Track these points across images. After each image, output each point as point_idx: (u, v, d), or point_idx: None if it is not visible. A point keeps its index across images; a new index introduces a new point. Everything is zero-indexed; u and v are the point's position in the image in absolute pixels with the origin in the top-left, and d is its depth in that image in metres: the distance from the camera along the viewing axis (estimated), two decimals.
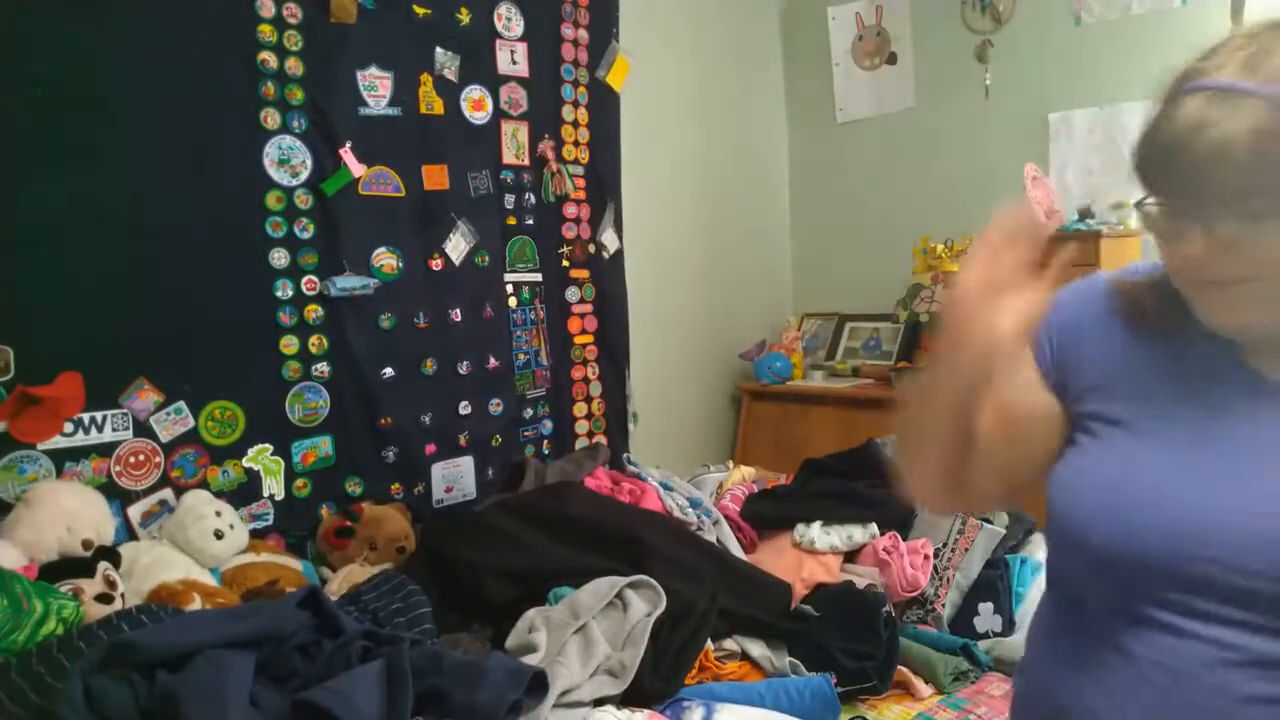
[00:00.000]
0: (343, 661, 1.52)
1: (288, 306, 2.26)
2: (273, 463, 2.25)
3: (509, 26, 2.69)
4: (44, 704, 1.36)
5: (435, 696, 1.50)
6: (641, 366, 3.13)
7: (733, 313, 3.51)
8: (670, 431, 3.28)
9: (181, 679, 1.34)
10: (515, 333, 2.76)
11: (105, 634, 1.48)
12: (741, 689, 1.81)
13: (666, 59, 3.21)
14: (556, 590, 1.97)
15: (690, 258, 3.36)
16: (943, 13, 3.26)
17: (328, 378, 2.34)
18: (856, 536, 2.32)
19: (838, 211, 3.61)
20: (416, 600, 1.89)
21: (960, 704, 1.86)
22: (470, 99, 2.60)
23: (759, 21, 3.66)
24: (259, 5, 2.17)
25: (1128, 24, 2.88)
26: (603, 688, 1.71)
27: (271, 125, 2.21)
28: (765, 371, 3.34)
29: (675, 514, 2.40)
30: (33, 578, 1.62)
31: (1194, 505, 0.77)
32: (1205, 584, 0.76)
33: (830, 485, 2.43)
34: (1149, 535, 0.78)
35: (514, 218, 2.74)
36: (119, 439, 2.02)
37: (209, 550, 1.97)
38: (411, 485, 2.51)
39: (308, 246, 2.29)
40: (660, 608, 1.85)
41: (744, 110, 3.58)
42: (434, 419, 2.54)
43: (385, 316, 2.43)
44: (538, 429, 2.85)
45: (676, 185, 3.30)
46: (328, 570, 2.18)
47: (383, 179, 2.42)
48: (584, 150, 2.91)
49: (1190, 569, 0.76)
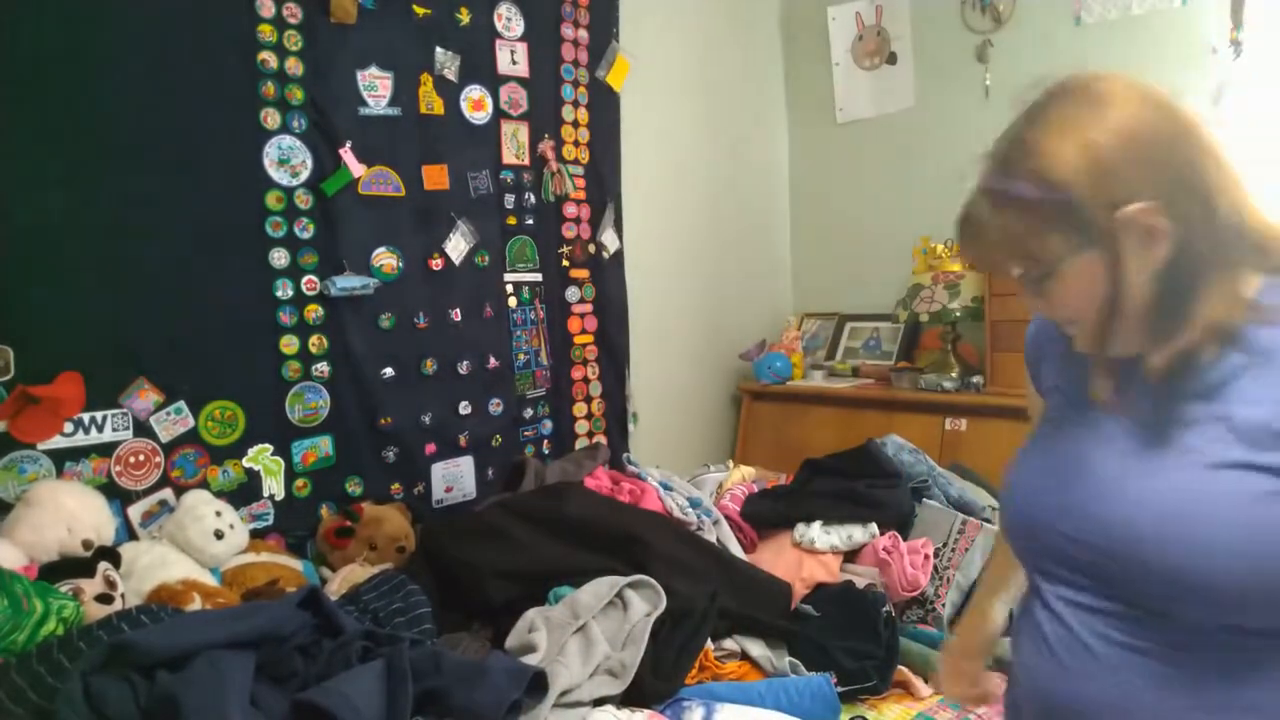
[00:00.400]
0: (343, 661, 1.52)
1: (288, 306, 2.26)
2: (273, 463, 2.25)
3: (509, 26, 2.69)
4: (44, 704, 1.36)
5: (435, 696, 1.50)
6: (641, 366, 3.13)
7: (733, 313, 3.51)
8: (670, 431, 3.28)
9: (181, 679, 1.34)
10: (515, 333, 2.76)
11: (105, 634, 1.48)
12: (741, 689, 1.81)
13: (666, 59, 3.21)
14: (556, 590, 1.97)
15: (690, 258, 3.36)
16: (943, 13, 3.26)
17: (328, 378, 2.34)
18: (856, 536, 2.32)
19: (838, 211, 3.61)
20: (416, 600, 1.89)
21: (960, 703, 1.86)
22: (470, 99, 2.60)
23: (759, 21, 3.66)
24: (259, 5, 2.17)
25: (1128, 24, 2.87)
26: (603, 688, 1.71)
27: (271, 125, 2.21)
28: (765, 371, 3.33)
29: (675, 514, 2.40)
30: (33, 578, 1.62)
31: (1053, 492, 0.96)
32: (1066, 557, 0.94)
33: (830, 485, 2.43)
34: (1036, 516, 0.97)
35: (514, 218, 2.74)
36: (119, 439, 2.02)
37: (209, 550, 1.97)
38: (411, 485, 2.51)
39: (308, 246, 2.29)
40: (660, 608, 1.86)
41: (744, 110, 3.58)
42: (434, 419, 2.54)
43: (385, 316, 2.43)
44: (538, 429, 2.85)
45: (676, 185, 3.30)
46: (328, 570, 2.18)
47: (383, 179, 2.42)
48: (584, 150, 2.91)
49: (1051, 544, 0.95)
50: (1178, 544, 0.83)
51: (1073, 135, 0.84)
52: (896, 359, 3.30)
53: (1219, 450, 0.84)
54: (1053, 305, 0.91)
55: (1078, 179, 0.83)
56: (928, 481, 2.47)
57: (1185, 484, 0.85)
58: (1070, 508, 0.93)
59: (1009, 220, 0.87)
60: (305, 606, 1.57)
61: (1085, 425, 0.96)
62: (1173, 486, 0.86)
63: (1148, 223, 0.83)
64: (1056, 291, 0.89)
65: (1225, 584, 0.82)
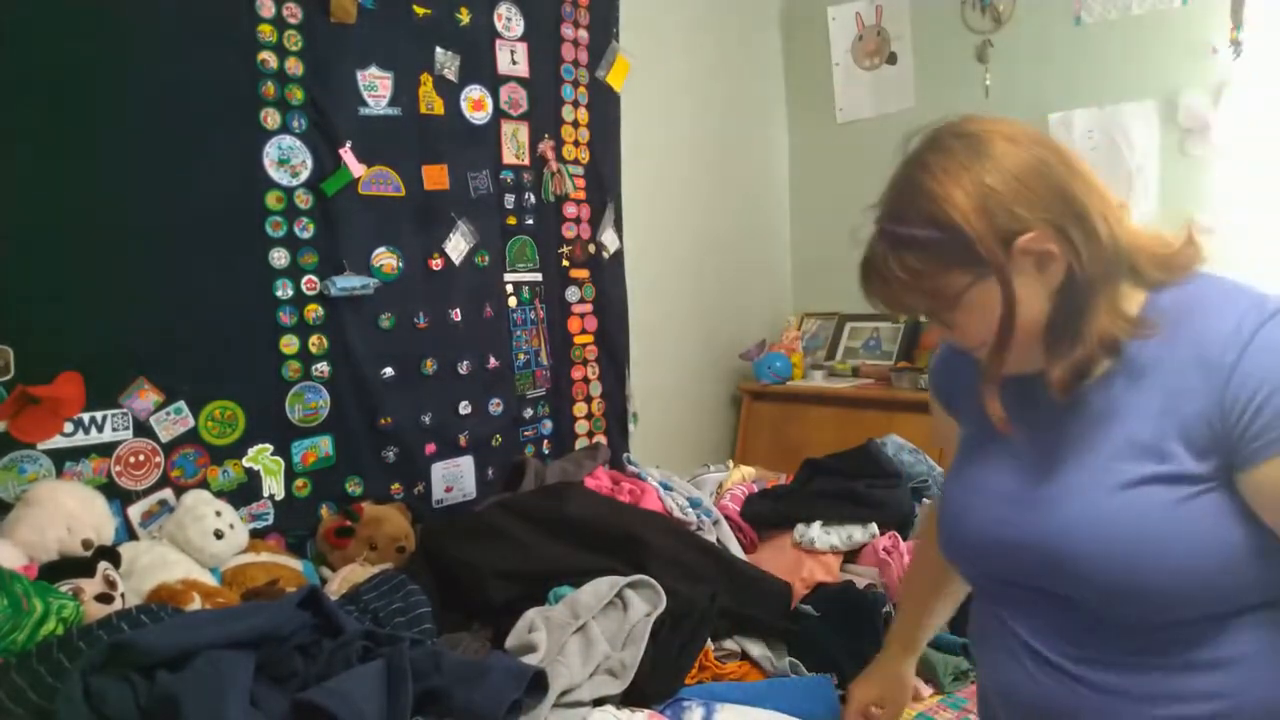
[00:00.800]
0: (343, 661, 1.52)
1: (288, 306, 2.26)
2: (273, 463, 2.25)
3: (509, 26, 2.69)
4: (44, 704, 1.36)
5: (435, 696, 1.50)
6: (641, 366, 3.13)
7: (733, 313, 3.51)
8: (670, 431, 3.28)
9: (181, 679, 1.34)
10: (515, 333, 2.76)
11: (105, 634, 1.48)
12: (741, 689, 1.81)
13: (666, 59, 3.21)
14: (556, 590, 1.97)
15: (690, 258, 3.36)
16: (943, 13, 3.26)
17: (328, 378, 2.34)
18: (856, 536, 2.32)
19: (838, 211, 3.57)
20: (416, 600, 1.88)
21: (960, 704, 1.86)
22: (470, 99, 2.60)
23: (759, 21, 3.66)
24: (259, 5, 2.17)
25: (1128, 24, 2.88)
26: (603, 687, 1.71)
27: (271, 125, 2.21)
28: (765, 371, 3.33)
29: (675, 514, 2.40)
30: (33, 578, 1.62)
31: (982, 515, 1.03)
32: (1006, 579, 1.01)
33: (830, 485, 2.42)
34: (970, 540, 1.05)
35: (514, 218, 2.74)
36: (119, 439, 2.02)
37: (209, 550, 1.97)
38: (411, 485, 2.51)
39: (308, 246, 2.29)
40: (660, 607, 1.85)
41: (744, 110, 3.58)
42: (434, 419, 2.54)
43: (385, 316, 2.43)
44: (538, 429, 2.85)
45: (676, 185, 3.30)
46: (328, 570, 2.18)
47: (383, 179, 2.42)
48: (584, 150, 2.91)
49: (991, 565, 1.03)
50: (1109, 560, 0.90)
51: (961, 178, 0.90)
52: (896, 359, 3.30)
53: (1127, 469, 0.91)
54: (959, 334, 0.97)
55: (971, 218, 0.89)
56: (928, 481, 2.47)
57: (1105, 505, 0.91)
58: (1001, 531, 0.99)
59: (910, 262, 0.92)
60: (305, 606, 1.57)
61: (1001, 449, 1.02)
62: (1090, 507, 0.92)
63: (1041, 249, 0.90)
64: (960, 322, 0.95)
65: (1163, 587, 0.88)
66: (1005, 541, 0.98)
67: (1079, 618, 0.94)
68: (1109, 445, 0.92)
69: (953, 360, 1.14)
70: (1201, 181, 2.76)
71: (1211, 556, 0.87)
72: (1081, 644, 0.95)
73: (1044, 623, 0.98)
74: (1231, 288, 0.93)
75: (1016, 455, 1.01)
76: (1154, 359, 0.91)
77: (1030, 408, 0.99)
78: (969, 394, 1.08)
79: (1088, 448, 0.94)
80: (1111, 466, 0.92)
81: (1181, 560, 0.87)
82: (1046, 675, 0.97)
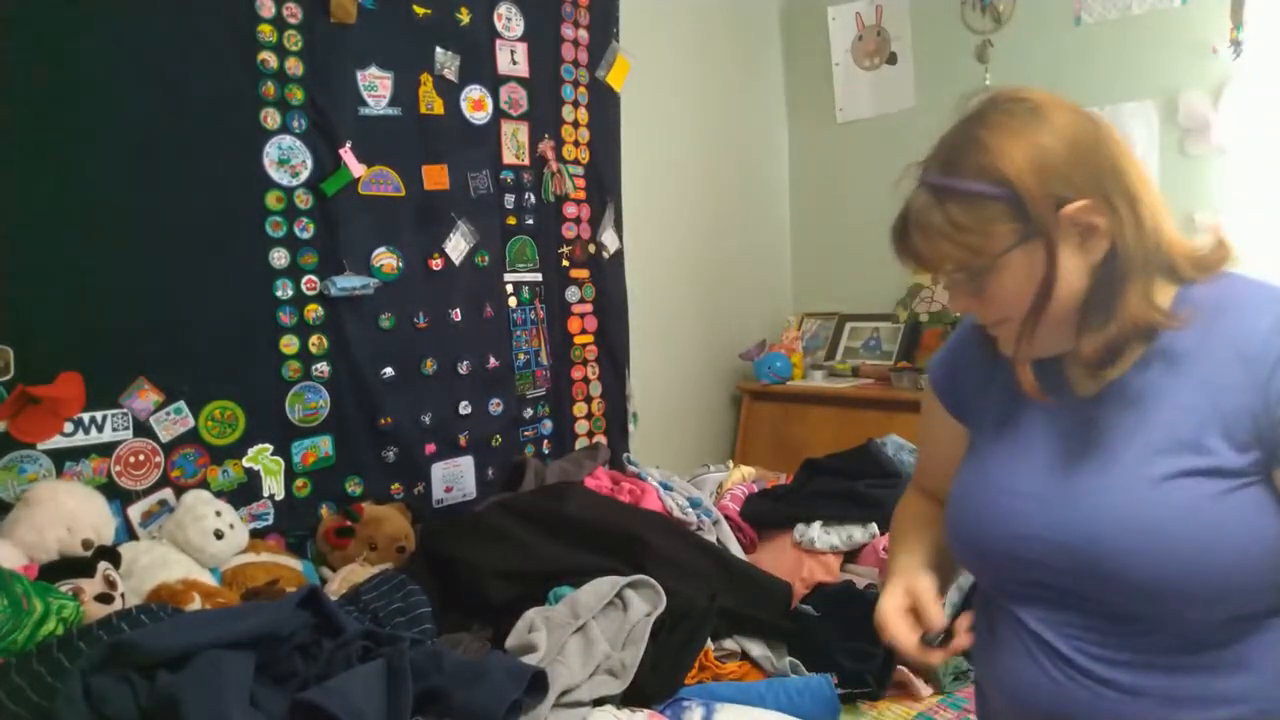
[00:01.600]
0: (343, 661, 1.52)
1: (288, 306, 2.26)
2: (273, 463, 2.25)
3: (509, 26, 2.69)
4: (44, 704, 1.36)
5: (435, 696, 1.50)
6: (641, 366, 3.13)
7: (733, 313, 3.51)
8: (670, 431, 3.28)
9: (181, 679, 1.34)
10: (515, 333, 2.76)
11: (105, 634, 1.48)
12: (741, 689, 1.81)
13: (666, 59, 3.21)
14: (556, 590, 1.97)
15: (690, 258, 3.36)
16: (943, 13, 3.26)
17: (328, 378, 2.34)
18: (856, 536, 2.32)
19: (838, 211, 3.61)
20: (416, 600, 1.89)
21: (960, 704, 1.86)
22: (470, 99, 2.60)
23: (759, 21, 3.66)
24: (259, 5, 2.17)
25: (1128, 24, 2.88)
26: (603, 687, 1.71)
27: (271, 125, 2.21)
28: (765, 371, 3.34)
29: (675, 514, 2.40)
30: (33, 578, 1.62)
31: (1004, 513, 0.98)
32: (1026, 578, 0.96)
33: (830, 485, 2.43)
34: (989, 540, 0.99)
35: (514, 218, 2.74)
36: (119, 439, 2.02)
37: (209, 550, 1.97)
38: (411, 485, 2.51)
39: (308, 246, 2.29)
40: (660, 608, 1.86)
41: (744, 110, 3.57)
42: (434, 419, 2.54)
43: (385, 316, 2.43)
44: (538, 429, 2.85)
45: (676, 185, 3.30)
46: (328, 570, 2.18)
47: (383, 179, 2.42)
48: (584, 150, 2.91)
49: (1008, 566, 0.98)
50: (1142, 556, 0.87)
51: (1020, 136, 0.89)
52: (896, 359, 3.30)
53: (1166, 463, 0.88)
54: (987, 302, 0.94)
55: (1025, 175, 0.87)
56: None
57: (1141, 499, 0.88)
58: (1028, 531, 0.95)
59: (955, 214, 0.90)
60: (305, 606, 1.57)
61: (1022, 446, 0.99)
62: (1129, 503, 0.89)
63: (1088, 220, 0.88)
64: (993, 286, 0.92)
65: (1207, 583, 0.86)
66: (1034, 542, 0.94)
67: (1106, 618, 0.92)
68: (1146, 435, 0.90)
69: (955, 363, 1.11)
70: (1201, 181, 2.76)
71: (1253, 552, 0.86)
72: (1108, 645, 0.92)
73: (1069, 624, 0.94)
74: (1261, 285, 0.92)
75: (1040, 451, 0.97)
76: (1190, 350, 0.90)
77: (1056, 398, 0.96)
78: (980, 393, 1.06)
79: (1123, 439, 0.91)
80: (1150, 459, 0.89)
81: (1225, 556, 0.85)
82: (1069, 678, 0.94)
